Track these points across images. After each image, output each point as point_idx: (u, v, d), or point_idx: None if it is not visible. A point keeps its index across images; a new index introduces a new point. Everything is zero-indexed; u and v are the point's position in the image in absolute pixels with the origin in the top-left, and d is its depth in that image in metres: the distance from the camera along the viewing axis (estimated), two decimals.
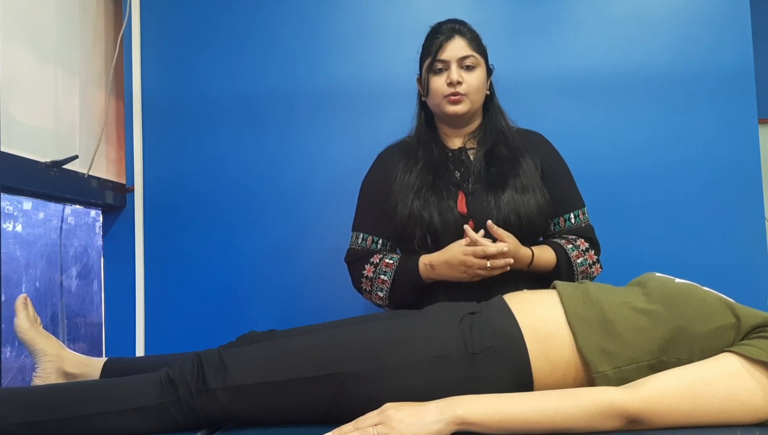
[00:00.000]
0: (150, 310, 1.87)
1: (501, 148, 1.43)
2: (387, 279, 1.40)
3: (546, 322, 1.01)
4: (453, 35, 1.41)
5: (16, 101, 1.46)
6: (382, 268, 1.41)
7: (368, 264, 1.43)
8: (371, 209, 1.49)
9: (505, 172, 1.40)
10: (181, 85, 1.91)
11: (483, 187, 1.39)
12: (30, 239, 1.64)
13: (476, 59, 1.42)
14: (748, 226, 1.79)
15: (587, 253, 1.41)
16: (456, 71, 1.40)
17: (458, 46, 1.41)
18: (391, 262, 1.41)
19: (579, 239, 1.43)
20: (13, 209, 1.59)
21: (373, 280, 1.42)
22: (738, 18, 1.82)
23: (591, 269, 1.41)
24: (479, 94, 1.44)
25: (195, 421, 0.98)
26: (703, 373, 0.88)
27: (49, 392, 1.02)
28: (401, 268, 1.39)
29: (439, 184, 1.40)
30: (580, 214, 1.46)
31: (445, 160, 1.45)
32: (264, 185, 1.89)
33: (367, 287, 1.44)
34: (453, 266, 1.30)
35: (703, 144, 1.82)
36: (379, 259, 1.42)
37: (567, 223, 1.45)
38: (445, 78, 1.41)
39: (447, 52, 1.40)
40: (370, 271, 1.43)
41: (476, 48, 1.43)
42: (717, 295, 1.00)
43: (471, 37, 1.43)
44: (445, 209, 1.37)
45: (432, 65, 1.42)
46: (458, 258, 1.28)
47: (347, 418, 0.89)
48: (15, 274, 1.57)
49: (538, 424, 0.85)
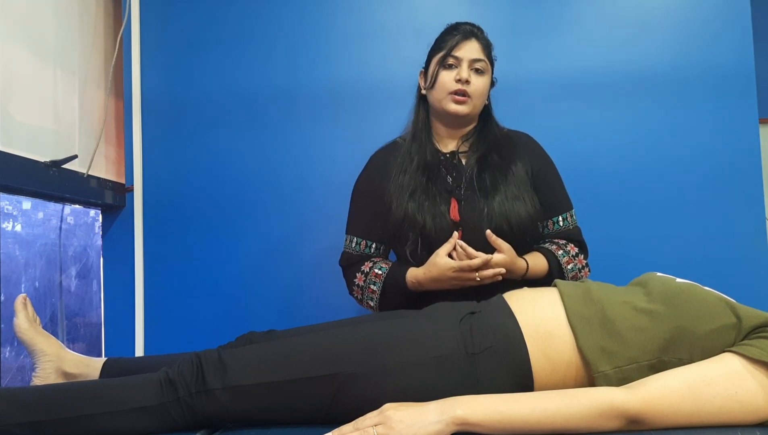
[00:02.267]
0: (149, 310, 1.87)
1: (493, 156, 1.44)
2: (376, 289, 1.41)
3: (546, 322, 1.01)
4: (470, 37, 1.44)
5: (15, 101, 1.45)
6: (371, 278, 1.42)
7: (359, 272, 1.44)
8: (364, 212, 1.49)
9: (496, 179, 1.41)
10: (181, 84, 1.91)
11: (474, 194, 1.40)
12: (29, 239, 1.64)
13: (486, 65, 1.44)
14: (748, 226, 1.79)
15: (577, 257, 1.43)
16: (467, 70, 1.41)
17: (473, 49, 1.43)
18: (380, 272, 1.41)
19: (569, 244, 1.44)
20: (12, 209, 1.58)
21: (364, 289, 1.43)
22: (738, 18, 1.82)
23: (580, 274, 1.43)
24: (482, 99, 1.46)
25: (194, 421, 0.98)
26: (703, 373, 0.88)
27: (48, 392, 1.02)
28: (390, 281, 1.40)
29: (432, 188, 1.41)
30: (568, 216, 1.48)
31: (438, 163, 1.45)
32: (264, 185, 1.89)
33: (358, 295, 1.46)
34: (442, 282, 1.31)
35: (704, 144, 1.82)
36: (369, 267, 1.43)
37: (556, 225, 1.47)
38: (455, 74, 1.42)
39: (462, 50, 1.42)
40: (360, 280, 1.44)
41: (488, 55, 1.46)
42: (718, 295, 1.00)
43: (485, 43, 1.46)
44: (438, 214, 1.38)
45: (444, 59, 1.43)
46: (447, 275, 1.29)
47: (347, 419, 0.89)
48: (14, 274, 1.57)
49: (538, 424, 0.85)
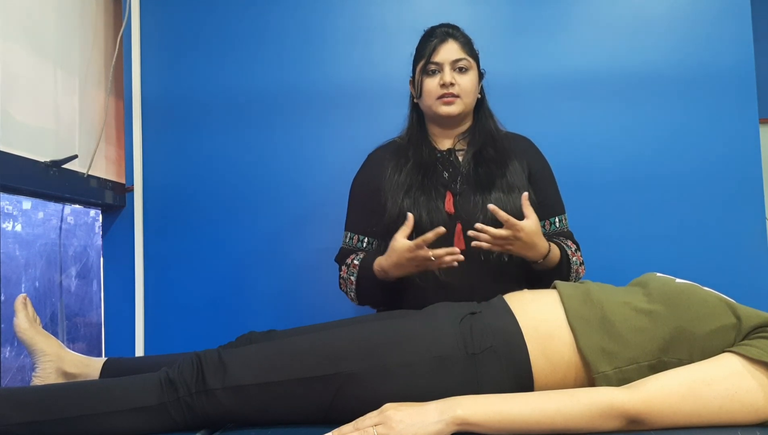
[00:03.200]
0: (149, 310, 1.87)
1: (489, 150, 1.45)
2: (353, 280, 1.41)
3: (546, 322, 1.01)
4: (446, 39, 1.43)
5: (15, 101, 1.45)
6: (351, 270, 1.42)
7: (344, 265, 1.45)
8: (360, 209, 1.50)
9: (492, 173, 1.41)
10: (181, 84, 1.91)
11: (470, 188, 1.40)
12: (29, 239, 1.64)
13: (469, 62, 1.44)
14: (748, 226, 1.79)
15: (577, 253, 1.44)
16: (449, 73, 1.41)
17: (451, 50, 1.43)
18: (357, 262, 1.42)
19: (567, 240, 1.46)
20: (12, 209, 1.59)
21: (346, 280, 1.44)
22: (738, 18, 1.82)
23: (579, 269, 1.44)
24: (471, 96, 1.46)
25: (195, 421, 0.98)
26: (703, 373, 0.88)
27: (48, 392, 1.02)
28: (362, 271, 1.40)
29: (427, 184, 1.41)
30: (563, 219, 1.49)
31: (434, 161, 1.46)
32: (264, 185, 1.89)
33: (344, 288, 1.47)
34: (402, 266, 1.31)
35: (704, 144, 1.82)
36: (352, 259, 1.44)
37: (552, 226, 1.47)
38: (438, 79, 1.42)
39: (440, 54, 1.42)
40: (344, 272, 1.45)
41: (469, 52, 1.45)
42: (718, 295, 1.00)
43: (464, 41, 1.45)
44: (433, 209, 1.38)
45: (425, 67, 1.44)
46: (404, 256, 1.28)
47: (347, 419, 0.89)
48: (14, 273, 1.57)
49: (538, 424, 0.85)
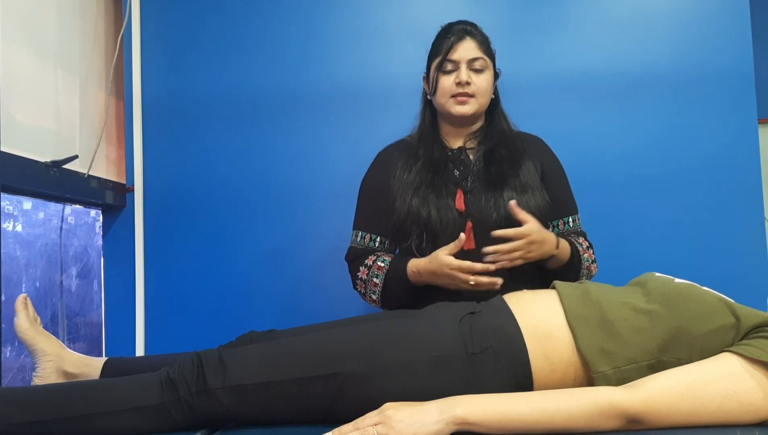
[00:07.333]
0: (150, 310, 1.87)
1: (501, 150, 1.44)
2: (379, 282, 1.40)
3: (546, 322, 1.01)
4: (464, 36, 1.42)
5: (16, 101, 1.45)
6: (374, 271, 1.41)
7: (363, 266, 1.44)
8: (370, 208, 1.49)
9: (504, 172, 1.41)
10: (181, 84, 1.91)
11: (482, 186, 1.40)
12: (30, 239, 1.64)
13: (485, 62, 1.43)
14: (748, 226, 1.79)
15: (588, 250, 1.44)
16: (465, 72, 1.40)
17: (469, 48, 1.41)
18: (383, 265, 1.41)
19: (580, 238, 1.45)
20: (13, 209, 1.59)
21: (367, 282, 1.42)
22: (738, 18, 1.82)
23: (591, 267, 1.43)
24: (486, 96, 1.45)
25: (195, 421, 0.98)
26: (702, 373, 0.88)
27: (49, 392, 1.02)
28: (392, 272, 1.39)
29: (438, 183, 1.40)
30: (576, 218, 1.49)
31: (445, 159, 1.45)
32: (264, 185, 1.89)
33: (361, 289, 1.45)
34: (439, 277, 1.31)
35: (703, 144, 1.82)
36: (373, 261, 1.43)
37: (566, 225, 1.47)
38: (454, 78, 1.41)
39: (458, 52, 1.41)
40: (364, 274, 1.43)
41: (486, 51, 1.44)
42: (716, 295, 1.00)
43: (481, 39, 1.44)
44: (443, 207, 1.37)
45: (442, 65, 1.43)
46: (444, 271, 1.28)
47: (347, 418, 0.90)
48: (15, 273, 1.57)
49: (537, 423, 0.85)
